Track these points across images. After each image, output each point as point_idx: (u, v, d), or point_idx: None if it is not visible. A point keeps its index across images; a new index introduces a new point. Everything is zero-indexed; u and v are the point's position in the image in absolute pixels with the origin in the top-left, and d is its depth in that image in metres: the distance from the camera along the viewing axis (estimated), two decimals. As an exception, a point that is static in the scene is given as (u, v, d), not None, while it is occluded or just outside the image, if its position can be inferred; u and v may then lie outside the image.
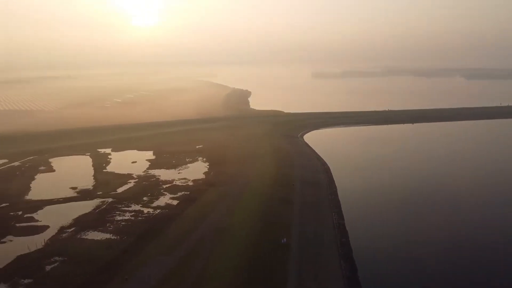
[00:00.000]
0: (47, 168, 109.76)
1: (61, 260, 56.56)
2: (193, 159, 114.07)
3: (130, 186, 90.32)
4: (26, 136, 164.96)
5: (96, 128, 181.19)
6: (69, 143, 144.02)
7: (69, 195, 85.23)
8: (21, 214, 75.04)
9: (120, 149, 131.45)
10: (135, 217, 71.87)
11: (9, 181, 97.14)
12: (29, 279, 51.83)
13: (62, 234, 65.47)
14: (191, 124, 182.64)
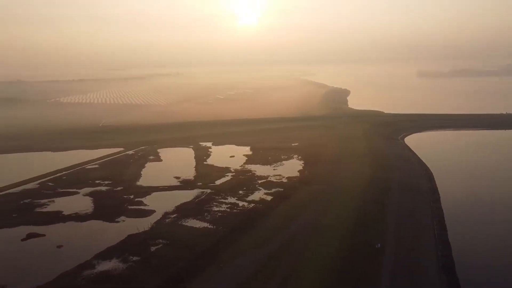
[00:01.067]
0: (155, 157, 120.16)
1: (164, 243, 61.58)
2: (288, 157, 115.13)
3: (227, 179, 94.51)
4: (139, 128, 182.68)
5: (199, 123, 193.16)
6: (175, 135, 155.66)
7: (173, 184, 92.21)
8: (132, 197, 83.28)
9: (220, 143, 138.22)
10: (230, 209, 75.09)
11: (124, 167, 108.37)
12: (137, 257, 57.33)
13: (166, 219, 71.15)
14: (288, 122, 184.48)
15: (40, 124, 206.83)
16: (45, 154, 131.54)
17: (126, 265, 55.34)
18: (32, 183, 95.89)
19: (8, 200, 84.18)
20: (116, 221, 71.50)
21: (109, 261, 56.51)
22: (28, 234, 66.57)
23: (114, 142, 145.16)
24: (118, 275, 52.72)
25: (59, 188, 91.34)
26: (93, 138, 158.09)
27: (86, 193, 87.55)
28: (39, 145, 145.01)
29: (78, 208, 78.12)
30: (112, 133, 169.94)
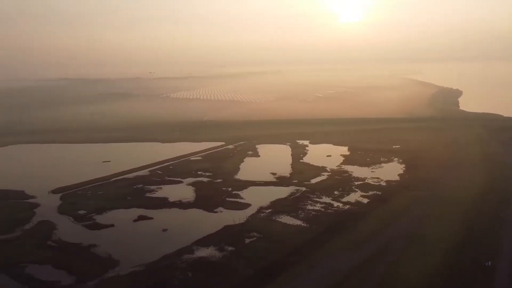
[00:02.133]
0: (253, 153, 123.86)
1: (258, 236, 63.37)
2: (388, 159, 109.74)
3: (323, 179, 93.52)
4: (239, 123, 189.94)
5: (297, 121, 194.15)
6: (273, 132, 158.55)
7: (269, 179, 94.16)
8: (230, 190, 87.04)
9: (317, 142, 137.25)
10: (324, 209, 74.23)
11: (224, 160, 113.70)
12: (232, 247, 59.93)
13: (261, 214, 73.04)
14: (390, 123, 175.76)
15: (152, 117, 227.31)
16: (156, 144, 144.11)
17: (222, 253, 58.23)
18: (144, 170, 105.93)
19: (124, 184, 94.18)
20: (214, 211, 75.54)
21: (207, 248, 60.01)
22: (139, 216, 73.92)
23: (216, 136, 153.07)
24: (213, 262, 55.77)
25: (166, 177, 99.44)
26: (197, 131, 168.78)
27: (189, 182, 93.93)
28: (150, 136, 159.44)
29: (182, 196, 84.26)
30: (215, 128, 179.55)
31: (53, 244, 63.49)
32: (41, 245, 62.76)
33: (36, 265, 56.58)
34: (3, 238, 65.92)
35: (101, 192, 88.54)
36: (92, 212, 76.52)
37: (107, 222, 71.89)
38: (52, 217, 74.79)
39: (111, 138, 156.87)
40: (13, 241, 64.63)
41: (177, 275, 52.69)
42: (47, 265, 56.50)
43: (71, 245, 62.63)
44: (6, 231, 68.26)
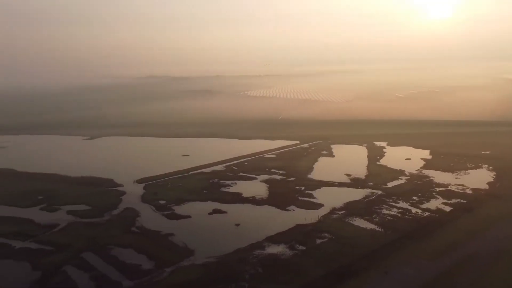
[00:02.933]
0: (328, 153, 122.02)
1: (329, 237, 62.47)
2: (476, 165, 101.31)
3: (400, 183, 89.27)
4: (314, 122, 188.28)
5: (375, 121, 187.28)
6: (349, 132, 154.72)
7: (343, 181, 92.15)
8: (303, 189, 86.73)
9: (396, 144, 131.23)
10: (401, 214, 70.84)
11: (298, 159, 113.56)
12: (302, 246, 59.79)
13: (333, 215, 71.83)
14: (479, 127, 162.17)
15: (230, 114, 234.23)
16: (233, 141, 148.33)
17: (292, 252, 58.36)
18: (220, 165, 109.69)
19: (201, 178, 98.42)
20: (286, 209, 75.86)
21: (278, 245, 60.55)
22: (214, 209, 76.80)
23: (291, 134, 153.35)
24: (284, 260, 56.12)
25: (241, 172, 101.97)
26: (272, 129, 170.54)
27: (263, 179, 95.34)
28: (228, 132, 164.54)
29: (255, 192, 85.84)
30: (290, 126, 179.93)
31: (136, 230, 68.56)
32: (126, 230, 68.13)
33: (121, 248, 61.48)
34: (95, 221, 72.65)
35: (180, 184, 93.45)
36: (171, 202, 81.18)
37: (184, 213, 75.77)
38: (136, 205, 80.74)
39: (192, 133, 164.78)
40: (102, 225, 70.96)
41: (248, 269, 53.90)
42: (130, 249, 61.13)
43: (152, 232, 67.07)
44: (97, 215, 75.21)
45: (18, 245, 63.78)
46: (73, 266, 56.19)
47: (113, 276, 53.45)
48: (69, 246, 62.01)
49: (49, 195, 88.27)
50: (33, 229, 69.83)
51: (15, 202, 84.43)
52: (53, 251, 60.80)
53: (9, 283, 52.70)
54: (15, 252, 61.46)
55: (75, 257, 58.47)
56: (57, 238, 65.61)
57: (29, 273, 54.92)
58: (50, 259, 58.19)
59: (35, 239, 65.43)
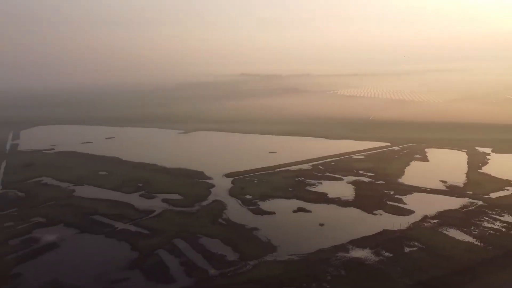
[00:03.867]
0: (421, 157, 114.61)
1: (419, 247, 58.79)
2: None
3: (507, 194, 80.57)
4: (407, 124, 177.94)
5: (478, 125, 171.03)
6: (447, 136, 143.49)
7: (437, 187, 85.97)
8: (392, 194, 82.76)
9: (503, 151, 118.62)
10: (506, 229, 63.95)
11: (388, 162, 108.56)
12: (389, 253, 57.11)
13: (425, 223, 67.41)
14: None
15: (319, 113, 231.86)
16: (320, 140, 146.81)
17: (378, 258, 56.07)
18: (306, 164, 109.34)
19: (287, 175, 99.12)
20: (373, 213, 73.07)
21: (362, 249, 58.64)
22: (298, 208, 76.93)
23: (381, 136, 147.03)
24: (368, 265, 54.19)
25: (327, 172, 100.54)
26: (361, 130, 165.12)
27: (350, 181, 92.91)
28: (316, 131, 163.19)
29: (341, 193, 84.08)
30: (380, 127, 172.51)
31: (223, 222, 71.53)
32: (214, 221, 71.45)
33: (208, 238, 64.64)
34: (186, 210, 77.37)
35: (266, 180, 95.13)
36: (257, 198, 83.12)
37: (269, 209, 77.05)
38: (224, 198, 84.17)
39: (279, 131, 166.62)
40: (193, 214, 75.28)
41: (331, 271, 53.08)
42: (216, 239, 63.98)
43: (238, 226, 69.42)
44: (188, 205, 80.00)
45: (120, 226, 70.59)
46: (165, 250, 60.55)
47: (200, 263, 56.48)
48: (163, 232, 66.92)
49: (147, 183, 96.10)
50: (133, 213, 76.70)
51: (119, 187, 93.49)
52: (149, 235, 66.12)
53: (112, 259, 58.54)
54: (117, 232, 68.07)
55: (167, 243, 62.93)
56: (152, 223, 71.19)
57: (128, 252, 60.47)
58: (146, 242, 63.41)
59: (134, 222, 71.77)
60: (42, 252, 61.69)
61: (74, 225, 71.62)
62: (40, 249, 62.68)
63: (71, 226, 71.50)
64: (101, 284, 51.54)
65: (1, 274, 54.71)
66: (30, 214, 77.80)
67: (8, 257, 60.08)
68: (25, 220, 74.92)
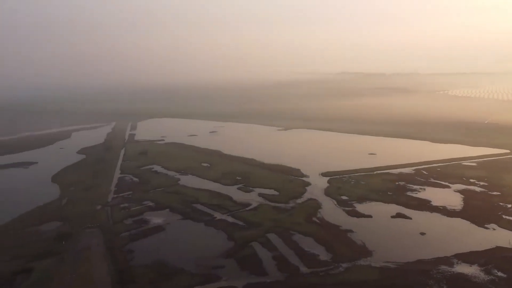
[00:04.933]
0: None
1: (540, 270, 51.62)
2: None
3: None
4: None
5: None
6: None
7: None
8: (509, 207, 73.89)
9: None
10: None
11: (506, 172, 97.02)
12: (502, 273, 51.24)
13: (549, 243, 58.92)
14: None
15: (425, 114, 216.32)
16: (425, 143, 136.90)
17: (488, 277, 50.63)
18: (408, 168, 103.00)
19: (387, 178, 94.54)
20: (485, 227, 66.02)
21: (470, 265, 53.46)
22: (397, 213, 72.92)
23: (499, 142, 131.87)
24: (476, 284, 49.22)
25: (431, 178, 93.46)
26: (474, 134, 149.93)
27: (458, 189, 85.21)
28: (421, 134, 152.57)
29: (447, 202, 77.54)
30: (498, 132, 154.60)
31: (317, 220, 71.01)
32: (308, 219, 71.33)
33: (301, 235, 64.76)
34: (281, 206, 78.48)
35: (364, 182, 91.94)
36: (353, 199, 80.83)
37: (366, 212, 74.36)
38: (319, 197, 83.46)
39: (381, 132, 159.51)
40: (287, 210, 76.06)
41: (431, 284, 49.44)
42: (310, 238, 63.79)
43: (332, 226, 68.33)
44: (283, 201, 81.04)
45: (218, 216, 74.44)
46: (259, 243, 62.24)
47: (292, 259, 56.92)
48: (258, 225, 68.88)
49: (245, 177, 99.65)
50: (230, 204, 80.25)
51: (219, 179, 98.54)
52: (245, 227, 68.59)
53: (210, 246, 62.06)
54: (215, 222, 71.90)
55: (261, 236, 64.59)
56: (248, 216, 73.65)
57: (225, 241, 63.50)
58: (241, 233, 65.89)
59: (232, 214, 75.06)
60: (151, 233, 67.94)
61: (178, 211, 77.48)
62: (149, 230, 69.11)
63: (176, 212, 77.48)
64: (199, 268, 54.99)
65: (117, 249, 61.57)
66: (142, 198, 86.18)
67: (123, 234, 67.37)
68: (138, 203, 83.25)
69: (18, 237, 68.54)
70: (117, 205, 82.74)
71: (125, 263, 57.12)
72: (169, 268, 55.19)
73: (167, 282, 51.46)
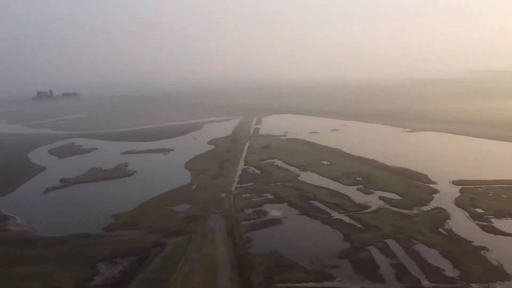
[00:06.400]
0: None
1: None
2: None
3: None
4: None
5: None
6: None
7: None
8: None
9: None
10: None
11: None
12: None
13: None
14: None
15: None
16: None
17: None
18: None
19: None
20: None
21: None
22: (547, 235, 62.42)
23: None
24: None
25: None
26: None
27: None
28: None
29: None
30: None
31: (444, 232, 64.89)
32: (433, 229, 65.63)
33: (425, 246, 59.88)
34: (403, 212, 73.72)
35: (505, 196, 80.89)
36: (490, 214, 71.78)
37: (506, 229, 65.24)
38: (448, 206, 76.14)
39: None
40: (410, 217, 71.09)
41: None
42: (434, 249, 58.62)
43: (462, 240, 61.73)
44: (406, 207, 76.00)
45: (335, 215, 73.49)
46: (376, 248, 59.58)
47: (412, 270, 53.09)
48: (377, 229, 66.02)
49: (366, 178, 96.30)
50: (349, 205, 78.48)
51: (339, 178, 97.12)
52: (362, 229, 66.39)
53: (325, 244, 61.60)
54: (332, 221, 71.11)
55: (380, 241, 61.70)
56: (367, 218, 71.04)
57: (341, 242, 62.38)
58: (359, 235, 63.91)
59: (349, 214, 73.34)
60: (269, 224, 70.47)
61: (296, 206, 78.73)
62: (267, 221, 71.76)
63: (294, 206, 78.89)
64: (314, 265, 55.07)
65: (238, 235, 65.42)
66: (263, 190, 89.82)
67: (243, 222, 71.23)
68: (258, 194, 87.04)
69: (155, 214, 77.70)
70: (240, 194, 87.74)
71: (243, 249, 60.35)
72: (285, 260, 56.49)
73: (282, 273, 52.77)
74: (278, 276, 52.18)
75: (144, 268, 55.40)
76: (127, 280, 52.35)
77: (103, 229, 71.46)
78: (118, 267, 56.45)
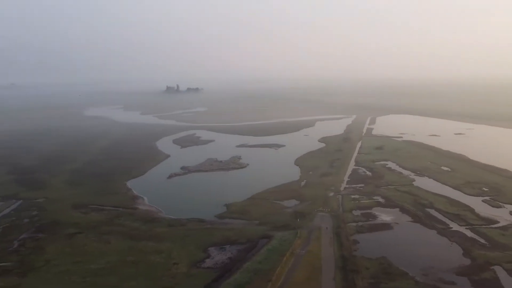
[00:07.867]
0: None
1: None
2: None
3: None
4: None
5: None
6: None
7: None
8: None
9: None
10: None
11: None
12: None
13: None
14: None
15: None
16: None
17: None
18: None
19: None
20: None
21: None
22: None
23: None
24: None
25: None
26: None
27: None
28: None
29: None
30: None
31: None
32: None
33: None
34: None
35: None
36: None
37: None
38: None
39: None
40: None
41: None
42: None
43: None
44: None
45: (454, 227, 66.99)
46: (504, 270, 52.70)
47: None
48: (505, 248, 58.47)
49: (495, 188, 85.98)
50: (471, 217, 70.83)
51: (460, 187, 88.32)
52: (487, 247, 59.36)
53: (441, 257, 56.50)
54: (450, 232, 64.93)
55: (509, 262, 54.44)
56: (494, 235, 63.28)
57: (459, 257, 56.53)
58: (482, 253, 57.22)
59: (471, 228, 66.14)
60: (378, 229, 67.43)
61: (409, 213, 73.86)
62: (376, 225, 68.72)
63: (406, 212, 74.16)
64: (427, 278, 51.01)
65: (344, 236, 64.01)
66: (373, 192, 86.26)
67: (350, 224, 69.36)
68: (368, 196, 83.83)
69: (264, 207, 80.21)
70: (348, 195, 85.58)
71: (349, 251, 58.79)
72: (393, 268, 53.49)
73: (389, 281, 50.10)
74: (385, 284, 49.72)
75: (251, 257, 57.71)
76: (235, 266, 55.20)
77: (216, 216, 76.33)
78: (227, 253, 59.81)
